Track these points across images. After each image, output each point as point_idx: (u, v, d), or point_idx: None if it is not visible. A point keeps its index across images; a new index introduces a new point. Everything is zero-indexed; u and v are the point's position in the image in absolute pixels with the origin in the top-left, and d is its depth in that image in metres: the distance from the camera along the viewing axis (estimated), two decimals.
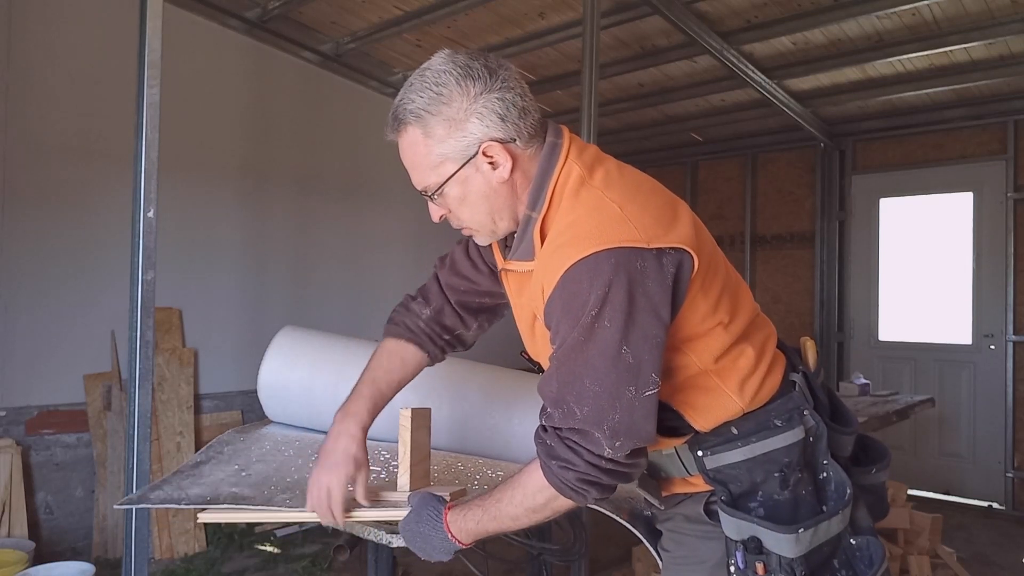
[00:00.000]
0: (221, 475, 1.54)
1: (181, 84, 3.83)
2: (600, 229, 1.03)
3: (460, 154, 1.10)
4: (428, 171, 1.13)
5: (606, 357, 1.01)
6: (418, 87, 1.11)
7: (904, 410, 3.37)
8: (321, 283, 4.75)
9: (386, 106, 1.18)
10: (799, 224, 5.93)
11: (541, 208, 1.11)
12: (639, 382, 1.01)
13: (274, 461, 1.65)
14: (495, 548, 1.26)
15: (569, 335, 1.02)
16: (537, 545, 1.37)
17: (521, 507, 1.11)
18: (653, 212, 1.07)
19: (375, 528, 1.24)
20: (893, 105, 5.11)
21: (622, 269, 0.99)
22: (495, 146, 1.10)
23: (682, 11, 3.68)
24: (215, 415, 4.18)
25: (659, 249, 1.02)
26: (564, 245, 1.05)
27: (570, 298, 1.02)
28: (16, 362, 3.45)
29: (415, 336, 1.43)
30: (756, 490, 1.12)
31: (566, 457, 1.04)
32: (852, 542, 1.13)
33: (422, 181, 1.15)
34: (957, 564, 3.29)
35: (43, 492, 3.52)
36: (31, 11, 3.49)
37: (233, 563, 3.66)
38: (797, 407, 1.16)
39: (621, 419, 1.02)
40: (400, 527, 1.23)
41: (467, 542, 1.17)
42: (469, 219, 1.17)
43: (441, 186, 1.13)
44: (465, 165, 1.11)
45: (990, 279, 5.04)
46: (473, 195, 1.13)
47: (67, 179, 3.61)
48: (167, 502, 1.40)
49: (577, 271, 1.01)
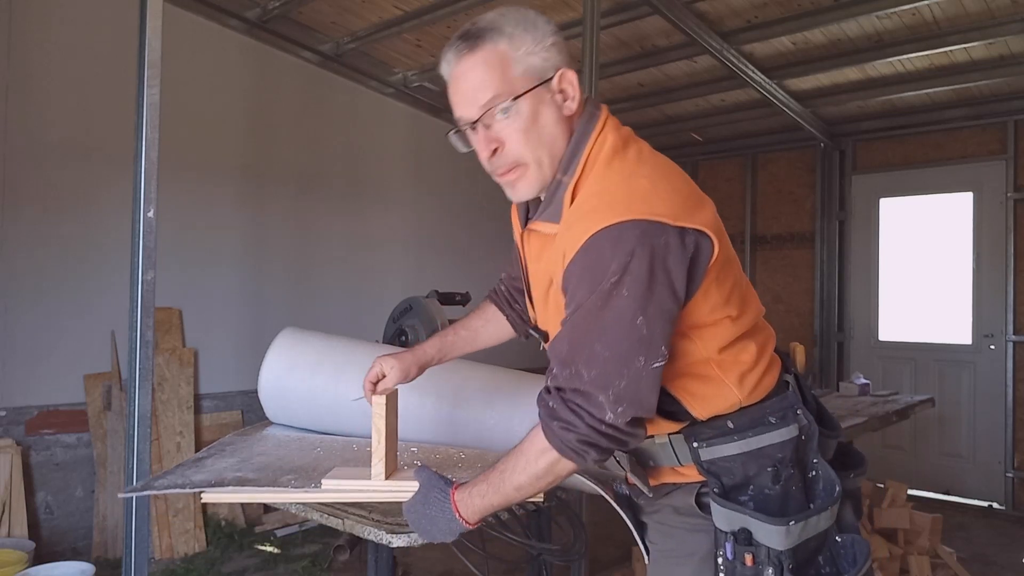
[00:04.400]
0: (224, 464, 1.56)
1: (181, 84, 3.83)
2: (628, 200, 1.04)
3: (540, 72, 1.13)
4: (503, 82, 1.11)
5: (621, 325, 1.02)
6: (497, 14, 1.13)
7: (904, 410, 3.37)
8: (321, 283, 4.75)
9: (386, 106, 1.18)
10: (799, 224, 5.93)
11: (574, 173, 1.12)
12: (649, 353, 1.03)
13: (275, 454, 1.66)
14: (495, 548, 1.26)
15: (587, 299, 1.03)
16: (537, 545, 1.37)
17: (524, 474, 1.11)
18: (682, 194, 1.09)
19: (375, 528, 1.24)
20: (893, 105, 5.11)
21: (646, 241, 1.01)
22: (570, 75, 1.14)
23: (682, 11, 3.68)
24: (215, 415, 4.18)
25: (683, 228, 1.04)
26: (591, 212, 1.06)
27: (592, 264, 1.03)
28: (16, 362, 3.45)
29: (497, 297, 1.58)
30: (748, 483, 1.13)
31: (567, 419, 1.05)
32: (838, 539, 1.15)
33: (492, 90, 1.11)
34: (957, 564, 3.29)
35: (43, 492, 3.52)
36: (31, 11, 3.49)
37: (233, 563, 3.66)
38: (791, 406, 1.19)
39: (627, 386, 1.03)
40: (405, 509, 1.23)
41: (474, 522, 1.17)
42: (526, 151, 1.13)
43: (517, 97, 1.11)
44: (541, 85, 1.12)
45: (990, 279, 5.04)
46: (543, 121, 1.13)
47: (67, 179, 3.61)
48: (172, 487, 1.43)
49: (601, 238, 1.02)
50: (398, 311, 2.96)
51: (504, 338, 1.58)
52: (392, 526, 1.24)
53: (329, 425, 1.88)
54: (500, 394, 1.84)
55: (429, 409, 1.79)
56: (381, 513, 1.30)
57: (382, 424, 1.38)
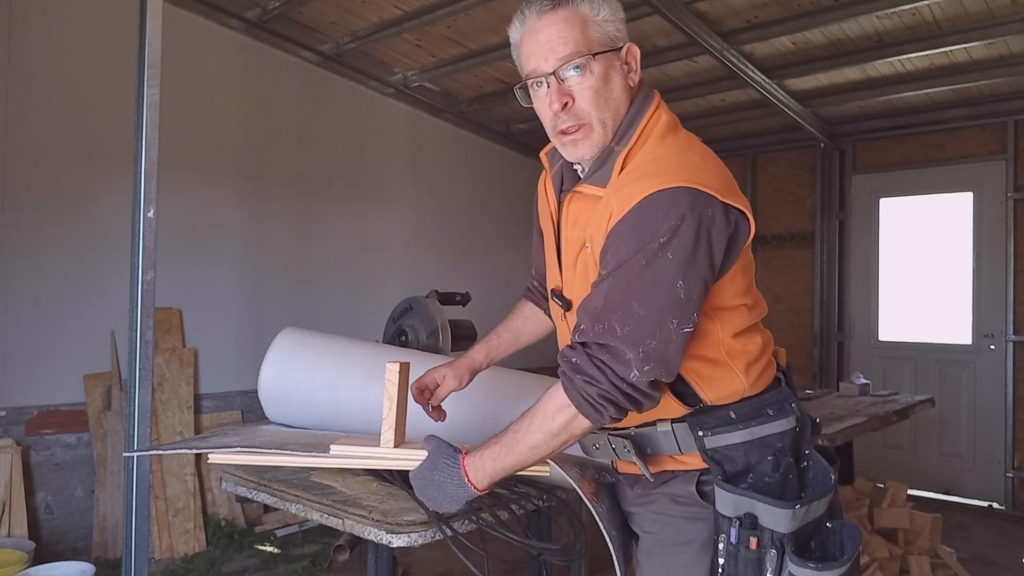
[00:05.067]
0: (228, 440, 1.58)
1: (181, 84, 3.83)
2: (682, 169, 1.10)
3: (612, 40, 1.20)
4: (583, 40, 1.17)
5: (661, 286, 1.06)
6: None
7: (904, 410, 3.37)
8: (321, 283, 4.75)
9: (386, 106, 1.19)
10: (799, 224, 5.93)
11: (627, 142, 1.18)
12: (683, 317, 1.07)
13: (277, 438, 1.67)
14: (495, 548, 1.26)
15: (631, 257, 1.07)
16: (537, 545, 1.37)
17: (540, 431, 1.13)
18: (726, 175, 1.16)
19: (375, 528, 1.24)
20: (893, 105, 5.11)
21: (696, 209, 1.06)
22: (635, 50, 1.23)
23: (682, 11, 3.67)
24: (215, 415, 4.18)
25: (727, 205, 1.10)
26: (646, 175, 1.10)
27: (642, 223, 1.07)
28: (16, 362, 3.45)
29: (532, 295, 1.64)
30: (749, 471, 1.17)
31: (591, 373, 1.08)
32: (828, 525, 1.19)
33: (573, 45, 1.16)
34: (957, 564, 3.29)
35: (43, 492, 3.52)
36: (31, 11, 3.49)
37: (233, 563, 3.66)
38: (786, 399, 1.25)
39: (656, 346, 1.07)
40: (412, 476, 1.24)
41: (483, 487, 1.18)
42: (594, 109, 1.19)
43: (596, 55, 1.17)
44: (613, 51, 1.20)
45: (990, 279, 5.04)
46: (611, 84, 1.19)
47: (67, 179, 3.61)
48: (177, 449, 1.50)
49: (655, 200, 1.07)
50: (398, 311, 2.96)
51: (545, 332, 1.64)
52: (392, 526, 1.24)
53: (329, 425, 1.88)
54: (502, 393, 1.85)
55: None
56: (381, 513, 1.30)
57: (394, 391, 1.37)
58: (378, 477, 1.50)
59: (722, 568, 1.14)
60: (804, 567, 1.08)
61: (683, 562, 1.22)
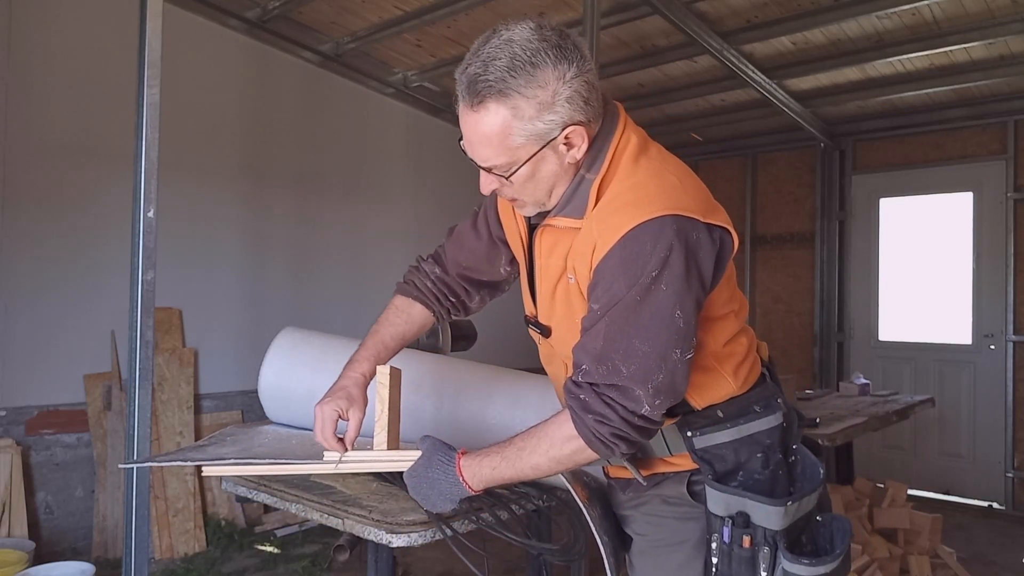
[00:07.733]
0: (225, 451, 1.57)
1: (181, 84, 3.83)
2: (664, 195, 1.07)
3: (541, 137, 1.07)
4: (502, 151, 1.08)
5: (660, 319, 1.04)
6: (508, 63, 1.03)
7: (904, 410, 3.37)
8: (321, 283, 4.75)
9: (386, 106, 1.18)
10: (799, 224, 5.93)
11: (599, 170, 1.12)
12: (684, 345, 1.07)
13: (276, 447, 1.67)
14: (495, 548, 1.26)
15: (625, 294, 1.05)
16: (537, 545, 1.37)
17: (546, 456, 1.13)
18: (704, 192, 1.14)
19: (375, 528, 1.24)
20: (893, 105, 5.11)
21: (682, 236, 1.04)
22: (578, 129, 1.08)
23: (682, 11, 3.68)
24: (215, 415, 4.18)
25: (710, 224, 1.08)
26: (628, 205, 1.07)
27: (630, 257, 1.04)
28: (16, 362, 3.45)
29: (422, 295, 1.48)
30: (739, 469, 1.17)
31: (602, 412, 1.07)
32: (818, 519, 1.19)
33: (491, 159, 1.10)
34: (957, 564, 3.29)
35: (43, 492, 3.52)
36: (31, 11, 3.49)
37: (233, 563, 3.66)
38: (772, 395, 1.25)
39: (664, 379, 1.06)
40: (406, 475, 1.24)
41: (478, 488, 1.18)
42: (527, 195, 1.15)
43: (516, 168, 1.10)
44: (544, 147, 1.08)
45: (990, 279, 5.04)
46: (542, 174, 1.12)
47: (67, 179, 3.61)
48: (172, 461, 1.48)
49: (641, 232, 1.04)
50: None
51: (427, 328, 1.51)
52: (392, 526, 1.24)
53: None
54: (500, 393, 1.84)
55: (429, 410, 1.79)
56: (381, 513, 1.30)
57: (386, 393, 1.37)
58: (378, 477, 1.50)
59: (716, 567, 1.14)
60: (797, 563, 1.09)
61: (676, 563, 1.22)
